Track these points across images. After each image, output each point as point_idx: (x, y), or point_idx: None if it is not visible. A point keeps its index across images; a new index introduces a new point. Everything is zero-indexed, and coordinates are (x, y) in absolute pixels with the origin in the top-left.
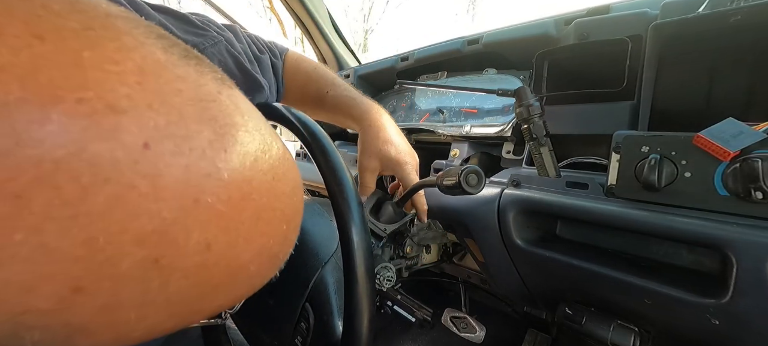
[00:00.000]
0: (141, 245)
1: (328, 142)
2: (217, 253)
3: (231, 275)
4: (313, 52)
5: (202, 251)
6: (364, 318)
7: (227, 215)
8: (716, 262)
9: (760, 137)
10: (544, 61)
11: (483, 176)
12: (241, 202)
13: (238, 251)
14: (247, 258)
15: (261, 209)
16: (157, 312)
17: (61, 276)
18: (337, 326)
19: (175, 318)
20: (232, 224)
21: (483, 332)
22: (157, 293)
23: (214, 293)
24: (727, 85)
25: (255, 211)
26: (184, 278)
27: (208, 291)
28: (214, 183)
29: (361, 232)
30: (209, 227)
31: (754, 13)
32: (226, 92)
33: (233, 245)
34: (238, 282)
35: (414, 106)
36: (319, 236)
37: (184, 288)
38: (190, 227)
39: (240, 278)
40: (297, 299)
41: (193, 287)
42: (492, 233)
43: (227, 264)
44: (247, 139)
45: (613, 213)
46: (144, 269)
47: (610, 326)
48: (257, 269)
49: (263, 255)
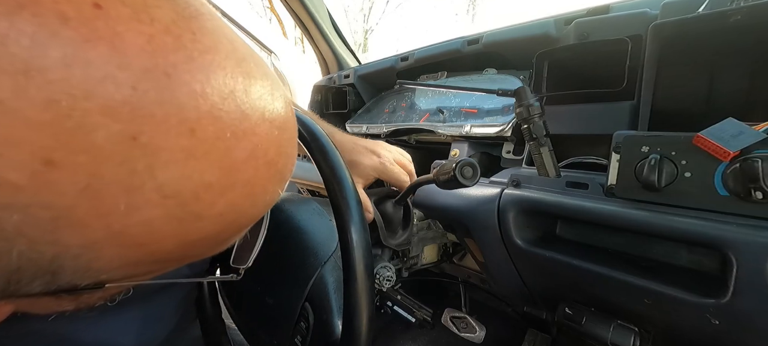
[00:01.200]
0: (112, 116)
1: (328, 142)
2: (204, 140)
3: (225, 173)
4: (313, 53)
5: (185, 134)
6: (364, 317)
7: (208, 98)
8: (716, 262)
9: (760, 137)
10: (544, 61)
11: (478, 168)
12: (221, 90)
13: (227, 145)
14: (241, 156)
15: (245, 103)
16: (150, 204)
17: (28, 143)
18: (337, 325)
19: (173, 220)
20: (214, 110)
21: (483, 332)
22: (145, 176)
23: (210, 193)
24: (727, 85)
25: (238, 103)
26: (171, 164)
27: (202, 188)
28: (186, 62)
29: (360, 231)
30: (188, 109)
31: (754, 13)
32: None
33: (220, 136)
34: (236, 185)
35: (414, 106)
36: (319, 236)
37: (174, 178)
38: (166, 103)
39: (237, 181)
40: (296, 298)
41: (184, 179)
42: (492, 233)
43: (218, 158)
44: (216, 25)
45: (613, 213)
46: (123, 145)
47: (610, 326)
48: (255, 174)
49: (259, 157)
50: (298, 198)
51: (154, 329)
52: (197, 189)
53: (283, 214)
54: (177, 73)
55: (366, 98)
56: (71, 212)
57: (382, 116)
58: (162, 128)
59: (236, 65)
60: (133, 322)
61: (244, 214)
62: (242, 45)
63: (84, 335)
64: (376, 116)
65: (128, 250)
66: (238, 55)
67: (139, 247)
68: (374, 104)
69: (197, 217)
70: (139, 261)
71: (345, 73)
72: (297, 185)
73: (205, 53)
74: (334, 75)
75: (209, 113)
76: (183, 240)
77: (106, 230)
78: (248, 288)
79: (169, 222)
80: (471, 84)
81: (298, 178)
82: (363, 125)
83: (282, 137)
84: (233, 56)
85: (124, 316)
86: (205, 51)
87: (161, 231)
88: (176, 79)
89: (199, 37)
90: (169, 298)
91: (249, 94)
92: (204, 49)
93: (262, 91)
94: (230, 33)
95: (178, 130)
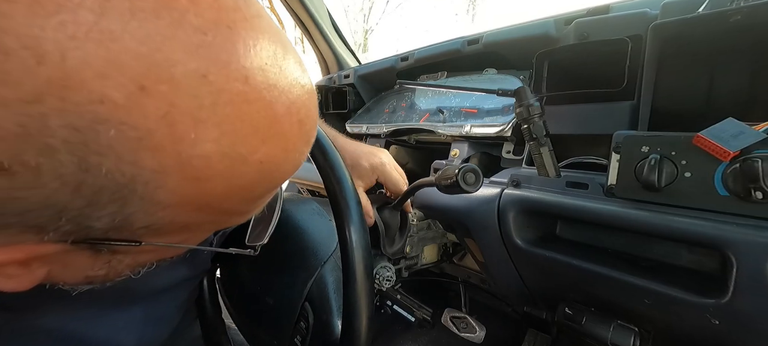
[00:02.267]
0: (189, 54)
1: (328, 142)
2: (254, 88)
3: (269, 121)
4: (313, 53)
5: (241, 80)
6: (363, 317)
7: (260, 55)
8: (716, 262)
9: (761, 137)
10: (544, 61)
11: (480, 174)
12: (269, 50)
13: (271, 96)
14: (280, 111)
15: (287, 65)
16: (211, 139)
17: (129, 69)
18: (337, 325)
19: (225, 158)
20: (264, 67)
21: (483, 332)
22: (210, 111)
23: (255, 137)
24: (727, 85)
25: (281, 65)
26: (229, 104)
27: (250, 130)
28: (242, 22)
29: (359, 231)
30: (243, 57)
31: (754, 13)
32: None
33: (266, 87)
34: (276, 135)
35: (414, 106)
36: (319, 236)
37: (230, 117)
38: (229, 50)
39: (277, 131)
40: (296, 298)
41: (237, 119)
42: (492, 233)
43: (264, 108)
44: (265, 12)
45: (613, 213)
46: (195, 81)
47: (610, 326)
48: (289, 130)
49: (293, 114)
50: (298, 198)
51: (155, 329)
52: (246, 131)
53: (283, 213)
54: (236, 27)
55: (366, 98)
56: (152, 135)
57: (382, 116)
58: (224, 71)
59: (276, 33)
60: (134, 321)
61: (278, 166)
62: (279, 30)
63: (86, 333)
64: (376, 116)
65: (187, 183)
66: (276, 27)
67: (195, 181)
68: (374, 104)
69: (243, 160)
70: (190, 200)
71: (345, 73)
72: (297, 184)
73: (255, 17)
74: (334, 75)
75: (259, 66)
76: (227, 183)
77: (175, 157)
78: (248, 288)
79: (221, 159)
80: (471, 84)
81: (298, 178)
82: (363, 125)
83: (310, 102)
84: (273, 26)
85: (126, 315)
86: (255, 15)
87: (215, 168)
88: (235, 32)
89: (250, 3)
90: (170, 298)
91: (287, 59)
92: (254, 13)
93: (295, 60)
94: (272, 21)
95: (236, 76)
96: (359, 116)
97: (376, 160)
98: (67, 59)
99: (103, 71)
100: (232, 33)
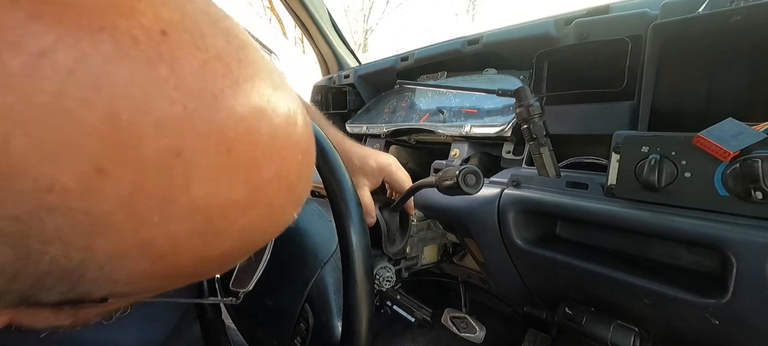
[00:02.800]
0: (162, 131)
1: (328, 143)
2: (237, 159)
3: (252, 192)
4: (313, 53)
5: (222, 153)
6: (363, 319)
7: (246, 121)
8: (716, 262)
9: (760, 137)
10: (544, 61)
11: (481, 176)
12: (258, 113)
13: (257, 164)
14: (266, 177)
15: (276, 128)
16: (180, 218)
17: (85, 151)
18: (337, 326)
19: (197, 236)
20: (250, 132)
21: (483, 332)
22: (181, 191)
23: (235, 210)
24: (727, 85)
25: (271, 128)
26: (206, 180)
27: (229, 205)
28: (231, 87)
29: (359, 232)
30: (228, 129)
31: (754, 13)
32: (233, 21)
33: (251, 155)
34: (259, 204)
35: (414, 106)
36: (319, 237)
37: (206, 193)
38: (211, 122)
39: (260, 200)
40: (296, 299)
41: (215, 195)
42: (492, 233)
43: (247, 176)
44: (258, 56)
45: (613, 213)
46: (167, 160)
47: (610, 326)
48: (277, 194)
49: (282, 179)
50: None
51: (154, 329)
52: (224, 205)
53: None
54: (223, 96)
55: (366, 98)
56: (109, 219)
57: (382, 116)
58: (203, 146)
59: (272, 93)
60: (134, 322)
61: (261, 233)
62: (278, 75)
63: (86, 334)
64: (376, 116)
65: (149, 262)
66: (274, 84)
67: (159, 259)
68: (374, 104)
69: (218, 232)
70: (154, 275)
71: (345, 73)
72: None
73: (248, 80)
74: (334, 75)
75: (245, 134)
76: (199, 255)
77: (135, 240)
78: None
79: (191, 236)
80: (471, 84)
81: None
82: (363, 125)
83: (304, 162)
84: (270, 85)
85: (125, 316)
86: (247, 78)
87: (183, 245)
88: (222, 102)
89: (243, 65)
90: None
91: (280, 119)
92: (247, 76)
93: (290, 118)
94: (268, 64)
95: (217, 149)
96: (359, 116)
97: (383, 160)
98: (10, 144)
99: (54, 154)
100: (217, 102)
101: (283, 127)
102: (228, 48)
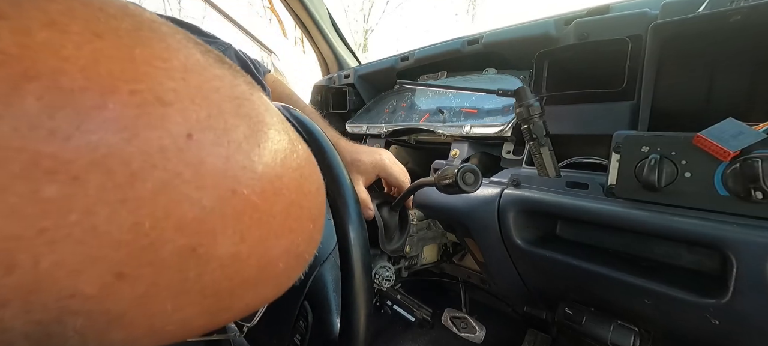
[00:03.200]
0: (182, 232)
1: (326, 140)
2: (250, 245)
3: (261, 270)
4: (313, 53)
5: (236, 243)
6: (361, 315)
7: (260, 207)
8: (716, 262)
9: (760, 137)
10: (544, 61)
11: (480, 174)
12: (273, 196)
13: (268, 245)
14: (276, 254)
15: (290, 205)
16: (192, 304)
17: (107, 260)
18: (335, 323)
19: (206, 315)
20: (264, 217)
21: (483, 332)
22: (194, 282)
23: (244, 289)
24: (727, 85)
25: (285, 206)
26: (219, 269)
27: (239, 285)
28: (250, 176)
29: (357, 229)
30: (243, 219)
31: (754, 13)
32: (256, 94)
33: (265, 239)
34: (267, 279)
35: (414, 106)
36: None
37: (217, 280)
38: (227, 217)
39: (269, 275)
40: (295, 297)
41: (225, 280)
42: (492, 233)
43: (258, 258)
44: (277, 137)
45: (613, 213)
46: (183, 257)
47: (610, 326)
48: (285, 267)
49: (291, 252)
50: None
51: None
52: (234, 288)
53: None
54: (240, 188)
55: (366, 98)
56: (124, 315)
57: (382, 116)
58: (219, 239)
59: (291, 170)
60: None
61: (265, 300)
62: (298, 143)
63: None
64: (376, 116)
65: (159, 340)
66: (293, 159)
67: (168, 338)
68: (374, 104)
69: (227, 309)
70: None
71: (345, 73)
72: None
73: (267, 167)
74: (334, 75)
75: (260, 220)
76: (207, 327)
77: (148, 329)
78: None
79: (200, 317)
80: (471, 84)
81: None
82: (363, 125)
83: (314, 230)
84: (288, 161)
85: None
86: (267, 165)
87: (192, 325)
88: (240, 195)
89: (263, 150)
90: None
91: (291, 194)
92: (266, 163)
93: (305, 189)
94: (289, 138)
95: (232, 240)
96: (359, 116)
97: (376, 157)
98: (39, 264)
99: (78, 268)
100: (235, 196)
101: (297, 202)
102: (249, 134)
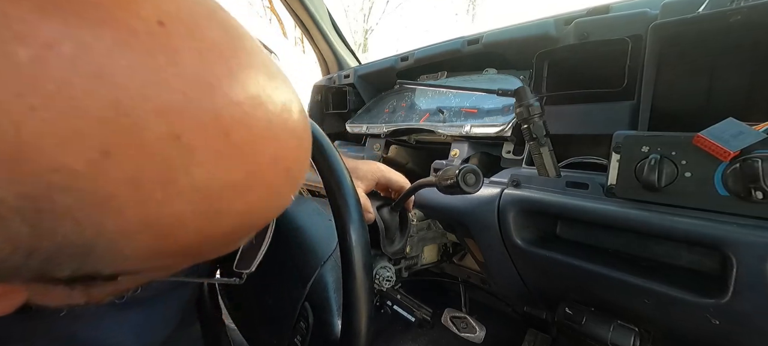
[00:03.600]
0: (163, 117)
1: (327, 141)
2: (234, 144)
3: (249, 176)
4: (313, 53)
5: (220, 138)
6: (363, 316)
7: (242, 107)
8: (716, 262)
9: (761, 137)
10: (544, 61)
11: (481, 175)
12: (253, 101)
13: (253, 148)
14: (264, 161)
15: (272, 114)
16: (181, 197)
17: (91, 136)
18: (336, 324)
19: (199, 216)
20: (246, 118)
21: (483, 332)
22: (181, 172)
23: (233, 193)
24: (727, 85)
25: (266, 114)
26: (205, 163)
27: (227, 187)
28: (227, 76)
29: (358, 230)
30: (225, 116)
31: (754, 13)
32: (228, 13)
33: (248, 141)
34: (256, 186)
35: (414, 106)
36: (318, 235)
37: (205, 175)
38: (208, 109)
39: (258, 182)
40: (296, 297)
41: (213, 177)
42: (492, 233)
43: (244, 160)
44: (254, 47)
45: (613, 213)
46: (167, 143)
47: (610, 326)
48: (274, 179)
49: (279, 164)
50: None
51: (154, 330)
52: (223, 187)
53: (283, 214)
54: (219, 84)
55: (366, 98)
56: (115, 199)
57: (382, 116)
58: (201, 131)
59: (267, 82)
60: (133, 322)
61: (260, 214)
62: (274, 66)
63: (86, 334)
64: (376, 116)
65: (155, 239)
66: (270, 74)
67: (165, 238)
68: (374, 104)
69: (219, 213)
70: (161, 252)
71: (345, 73)
72: None
73: (243, 69)
74: (334, 75)
75: (242, 120)
76: (203, 234)
77: (140, 218)
78: (248, 288)
79: (194, 216)
80: (471, 84)
81: None
82: (363, 125)
83: (300, 147)
84: (266, 74)
85: (125, 317)
86: (243, 67)
87: (186, 224)
88: (218, 89)
89: (239, 55)
90: (170, 299)
91: (276, 106)
92: (242, 65)
93: (286, 106)
94: (264, 55)
95: (215, 133)
96: (359, 116)
97: (373, 166)
98: (21, 130)
99: (62, 139)
100: (214, 90)
101: (278, 113)
102: (224, 38)
